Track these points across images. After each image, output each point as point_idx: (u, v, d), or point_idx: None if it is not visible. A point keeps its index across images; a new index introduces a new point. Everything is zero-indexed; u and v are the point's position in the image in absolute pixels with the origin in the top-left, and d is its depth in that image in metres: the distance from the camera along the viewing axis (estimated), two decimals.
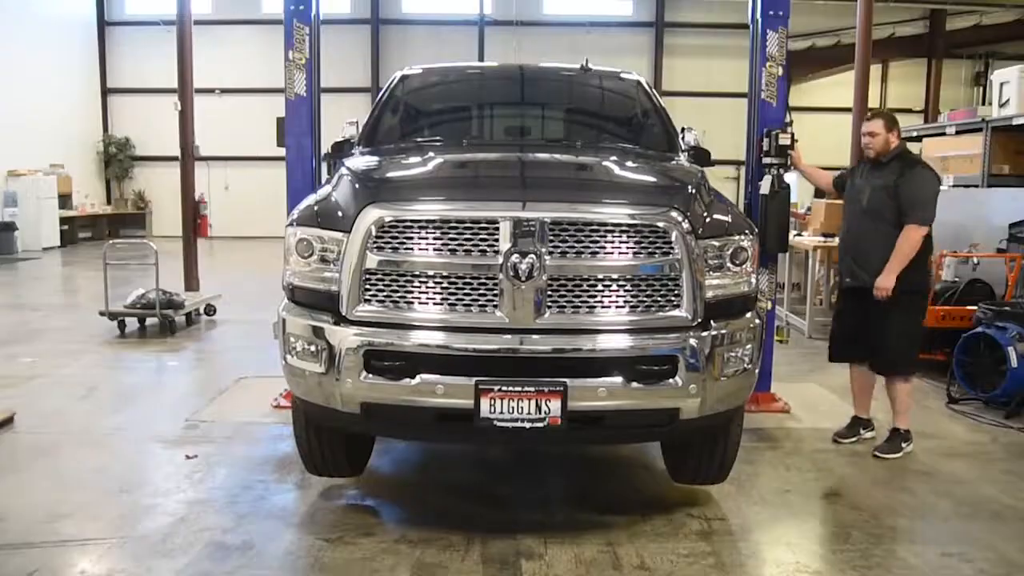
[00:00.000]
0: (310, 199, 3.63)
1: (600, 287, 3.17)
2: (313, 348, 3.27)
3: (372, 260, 3.17)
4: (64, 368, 6.46)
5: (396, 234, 3.17)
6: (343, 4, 19.62)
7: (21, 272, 13.14)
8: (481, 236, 3.13)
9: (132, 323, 7.86)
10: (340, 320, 3.22)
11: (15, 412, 5.03)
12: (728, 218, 3.42)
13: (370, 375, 3.17)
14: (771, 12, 5.24)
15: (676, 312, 3.21)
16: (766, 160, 5.22)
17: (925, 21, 18.97)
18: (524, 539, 3.48)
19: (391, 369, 3.17)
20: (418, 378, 3.14)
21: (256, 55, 18.16)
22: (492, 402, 3.08)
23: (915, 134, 10.51)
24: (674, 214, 3.21)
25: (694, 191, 3.44)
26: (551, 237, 3.12)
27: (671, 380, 3.18)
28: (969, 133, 8.49)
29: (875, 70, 16.87)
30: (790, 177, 5.44)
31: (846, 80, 13.16)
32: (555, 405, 3.09)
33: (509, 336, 3.15)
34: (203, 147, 9.80)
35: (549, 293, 3.15)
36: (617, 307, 3.19)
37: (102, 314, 7.64)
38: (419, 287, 3.18)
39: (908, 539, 3.58)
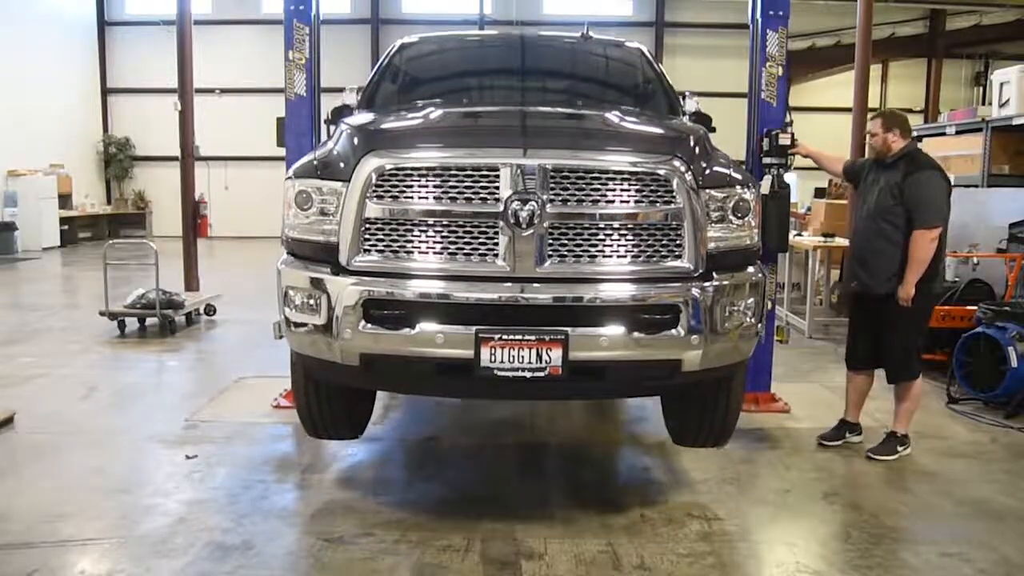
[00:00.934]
0: (309, 155, 3.61)
1: (601, 236, 3.15)
2: (312, 300, 3.24)
3: (372, 209, 3.14)
4: (64, 368, 6.46)
5: (396, 182, 3.14)
6: (343, 4, 19.62)
7: (21, 272, 13.14)
8: (482, 183, 3.10)
9: (132, 323, 7.86)
10: (339, 271, 3.19)
11: (15, 412, 5.03)
12: (730, 171, 3.40)
13: (369, 325, 3.13)
14: (771, 12, 5.24)
15: (678, 263, 3.19)
16: (766, 160, 5.21)
17: (925, 21, 18.97)
18: (524, 539, 3.48)
19: (390, 319, 3.13)
20: (418, 328, 3.10)
21: (256, 55, 18.16)
22: (492, 351, 3.06)
23: (915, 134, 10.51)
24: (676, 163, 3.20)
25: (696, 142, 3.43)
26: (552, 184, 3.10)
27: (673, 331, 3.16)
28: (969, 133, 8.49)
29: (875, 70, 16.88)
30: (790, 177, 5.44)
31: (846, 80, 13.17)
32: (556, 354, 3.06)
33: (510, 284, 3.12)
34: (203, 147, 9.81)
35: (550, 241, 3.13)
36: (618, 256, 3.17)
37: (102, 314, 7.64)
38: (419, 236, 3.15)
39: (908, 539, 3.58)
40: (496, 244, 3.12)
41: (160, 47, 16.75)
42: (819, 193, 11.83)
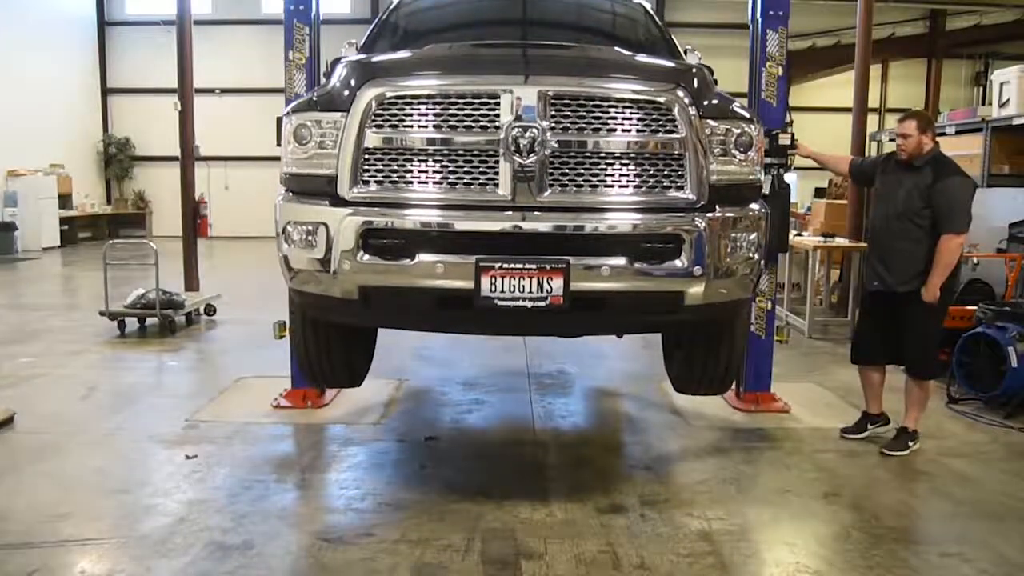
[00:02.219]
0: (306, 94, 3.59)
1: (603, 164, 3.14)
2: (310, 234, 3.22)
3: (371, 139, 3.13)
4: (64, 368, 6.46)
5: (396, 111, 3.13)
6: (343, 4, 19.60)
7: (21, 272, 13.14)
8: (482, 111, 3.09)
9: (132, 323, 7.86)
10: (338, 202, 3.18)
11: (15, 412, 5.03)
12: (733, 105, 3.40)
13: (368, 256, 3.12)
14: (771, 12, 5.24)
15: (681, 193, 3.18)
16: (766, 160, 5.20)
17: (925, 21, 18.95)
18: (524, 539, 3.48)
19: (390, 249, 3.11)
20: (417, 258, 3.09)
21: (256, 55, 18.15)
22: (493, 280, 3.05)
23: None
24: (679, 92, 3.18)
25: (698, 75, 3.41)
26: (553, 111, 3.09)
27: (675, 262, 3.14)
28: (969, 133, 8.48)
29: (875, 70, 16.84)
30: (790, 177, 5.44)
31: (846, 80, 13.15)
32: (557, 284, 3.05)
33: (510, 213, 3.11)
34: (203, 147, 9.80)
35: (551, 170, 3.11)
36: (620, 186, 3.15)
37: (102, 314, 7.64)
38: (418, 165, 3.14)
39: (908, 539, 3.58)
40: (496, 173, 3.10)
41: (160, 47, 16.72)
42: (819, 193, 11.84)
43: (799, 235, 9.08)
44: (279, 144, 4.18)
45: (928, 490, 4.14)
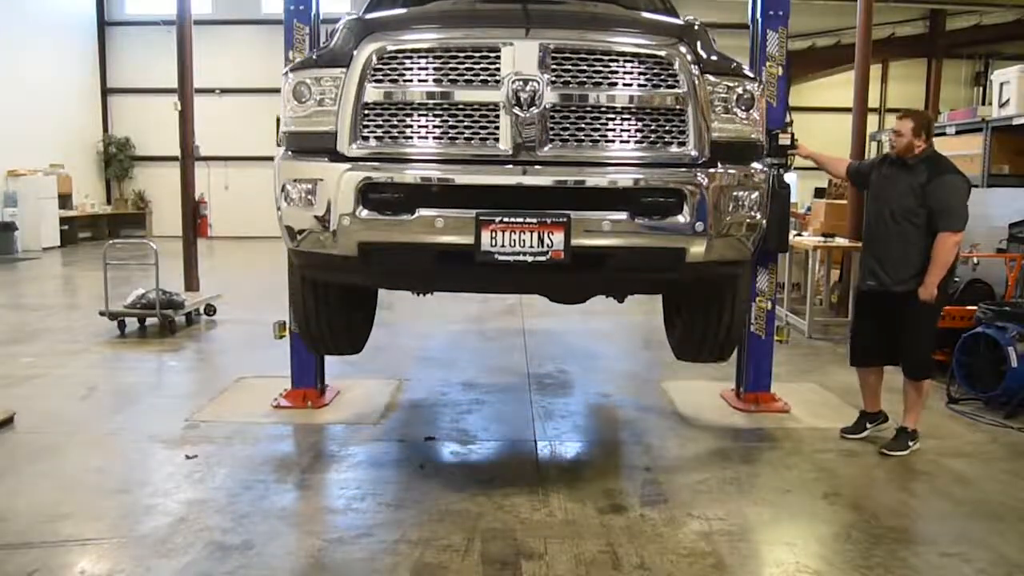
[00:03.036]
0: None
1: (604, 119, 3.13)
2: (310, 190, 3.22)
3: (371, 93, 3.12)
4: (64, 368, 6.46)
5: (396, 65, 3.12)
6: (343, 4, 19.59)
7: (21, 272, 13.14)
8: (482, 65, 3.08)
9: (132, 323, 7.86)
10: (337, 158, 3.17)
11: (15, 412, 5.03)
12: (734, 63, 3.39)
13: (368, 211, 3.11)
14: (771, 12, 5.24)
15: (682, 149, 3.18)
16: (766, 160, 5.21)
17: (925, 21, 18.94)
18: (524, 539, 3.48)
19: (389, 204, 3.10)
20: (417, 213, 3.08)
21: (256, 55, 18.15)
22: (493, 235, 3.04)
23: None
24: (681, 47, 3.19)
25: (699, 32, 3.41)
26: (554, 65, 3.08)
27: (677, 217, 3.14)
28: (969, 133, 8.49)
29: (875, 70, 16.83)
30: (790, 177, 5.44)
31: (846, 80, 13.15)
32: (558, 238, 3.04)
33: (511, 167, 3.10)
34: (203, 147, 9.79)
35: (552, 125, 3.10)
36: (622, 141, 3.15)
37: (102, 314, 7.64)
38: (418, 120, 3.13)
39: (908, 539, 3.58)
40: (497, 127, 3.09)
41: (160, 47, 16.72)
42: (819, 193, 11.83)
43: (799, 235, 9.08)
44: (279, 144, 4.16)
45: (928, 490, 4.14)
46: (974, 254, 6.74)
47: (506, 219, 3.04)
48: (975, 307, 6.01)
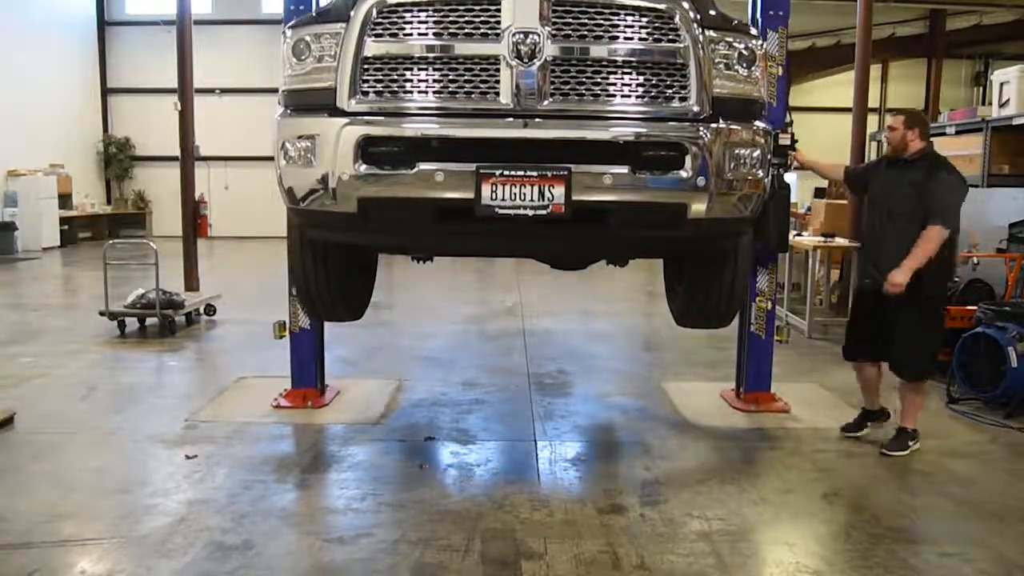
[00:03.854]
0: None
1: (605, 72, 3.12)
2: (309, 147, 3.21)
3: (370, 47, 3.11)
4: (64, 368, 6.46)
5: (395, 19, 3.11)
6: None
7: (21, 272, 13.13)
8: (482, 17, 3.07)
9: (132, 323, 7.86)
10: (337, 113, 3.16)
11: (15, 412, 5.03)
12: (735, 20, 3.39)
13: (367, 166, 3.10)
14: (771, 12, 5.24)
15: (684, 104, 3.18)
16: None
17: (925, 21, 18.93)
18: (524, 539, 3.48)
19: (389, 158, 3.09)
20: (417, 167, 3.07)
21: (256, 55, 18.14)
22: (494, 188, 3.03)
23: None
24: (682, 2, 3.17)
25: None
26: (555, 18, 3.07)
27: (678, 172, 3.13)
28: (969, 133, 8.50)
29: (875, 70, 16.84)
30: (790, 177, 5.44)
31: (846, 80, 13.15)
32: (559, 192, 3.03)
33: (511, 120, 3.09)
34: (203, 147, 9.81)
35: (553, 78, 3.10)
36: (623, 95, 3.14)
37: (102, 314, 7.64)
38: (418, 74, 3.13)
39: (908, 539, 3.57)
40: (497, 81, 3.08)
41: (160, 47, 16.70)
42: (819, 193, 11.82)
43: (799, 235, 9.07)
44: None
45: (928, 490, 4.14)
46: (974, 254, 6.74)
47: (507, 172, 3.03)
48: (975, 307, 6.01)
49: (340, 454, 4.56)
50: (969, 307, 6.16)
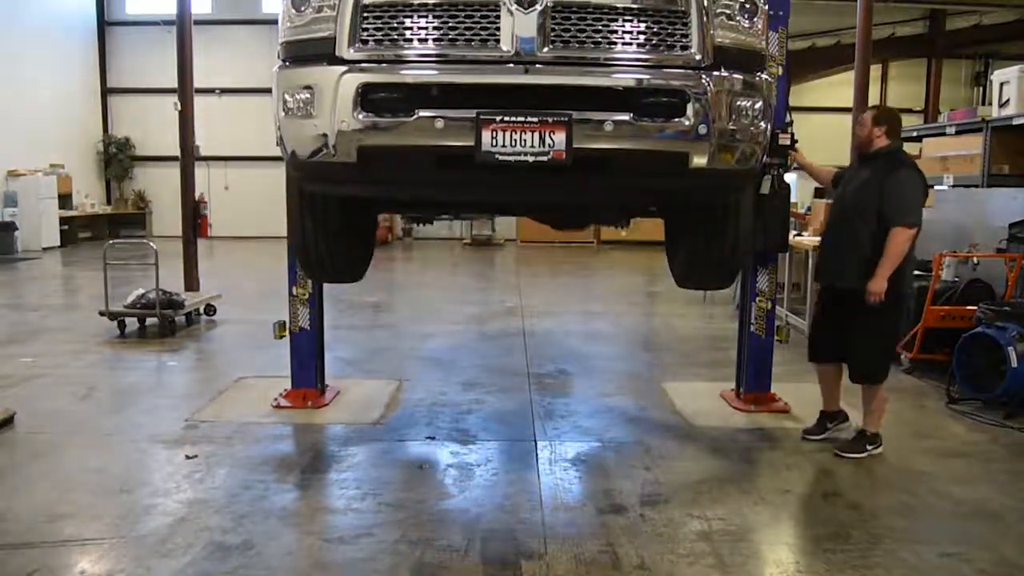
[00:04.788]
0: None
1: (606, 20, 3.11)
2: (308, 98, 3.20)
3: None
4: (64, 368, 6.46)
5: None
6: None
7: (21, 272, 13.14)
8: None
9: (132, 323, 7.86)
10: (336, 62, 3.15)
11: (15, 412, 5.03)
12: None
13: (366, 114, 3.09)
14: (771, 12, 5.21)
15: (686, 52, 3.16)
16: (766, 160, 5.20)
17: (925, 21, 18.94)
18: (524, 539, 3.48)
19: (388, 105, 3.08)
20: (417, 114, 3.05)
21: (256, 55, 18.15)
22: (494, 134, 3.01)
23: (915, 134, 10.51)
24: None
25: None
26: None
27: (680, 120, 3.12)
28: (969, 133, 8.48)
29: (875, 70, 16.84)
30: (790, 177, 5.44)
31: (846, 80, 13.16)
32: (560, 138, 3.01)
33: (512, 67, 3.08)
34: (203, 147, 9.82)
35: (553, 26, 3.08)
36: (624, 43, 3.13)
37: (102, 314, 7.64)
38: (418, 21, 3.11)
39: (908, 539, 3.57)
40: (497, 28, 3.06)
41: (160, 47, 16.73)
42: (819, 193, 11.82)
43: (799, 235, 9.07)
44: (279, 144, 4.14)
45: (928, 490, 4.13)
46: (974, 254, 6.74)
47: (507, 118, 3.01)
48: (975, 307, 6.01)
49: (340, 454, 4.56)
50: (969, 307, 6.15)
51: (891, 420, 5.22)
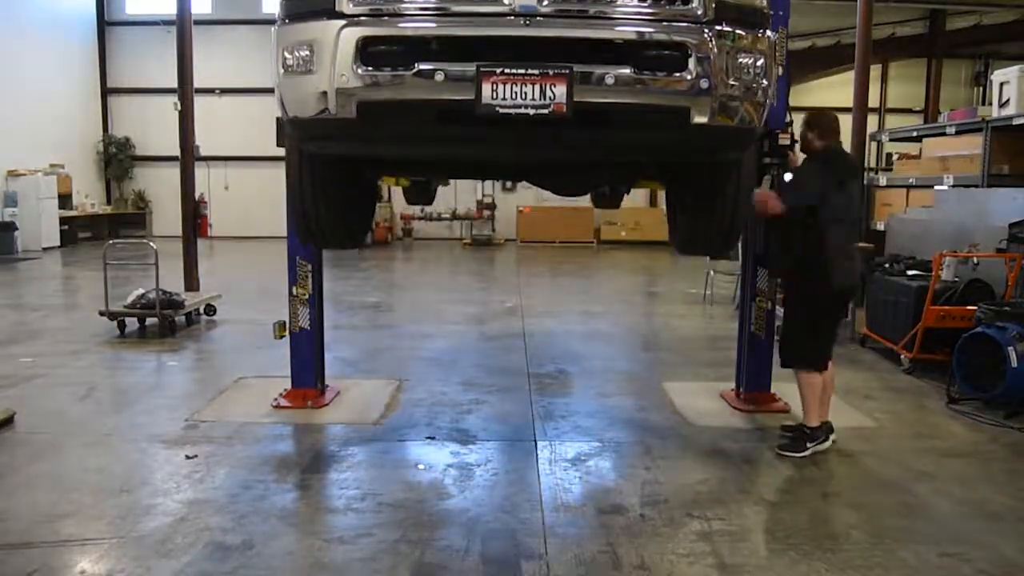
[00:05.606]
0: None
1: None
2: (308, 54, 3.19)
3: None
4: (64, 368, 6.46)
5: None
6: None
7: (21, 272, 13.14)
8: None
9: (132, 323, 7.86)
10: (335, 16, 3.14)
11: (15, 412, 5.03)
12: None
13: (366, 68, 3.08)
14: (771, 12, 5.23)
15: (688, 6, 3.16)
16: (766, 160, 5.21)
17: (925, 21, 18.93)
18: (524, 539, 3.48)
19: (388, 58, 3.06)
20: (416, 67, 3.04)
21: (256, 55, 18.13)
22: (494, 87, 3.00)
23: (915, 134, 10.51)
24: None
25: None
26: None
27: (681, 74, 3.11)
28: (969, 133, 8.48)
29: (875, 70, 16.84)
30: (790, 177, 5.43)
31: (846, 80, 13.14)
32: (560, 90, 3.00)
33: (512, 19, 3.07)
34: (203, 147, 9.80)
35: None
36: None
37: (102, 314, 7.64)
38: None
39: (908, 539, 3.57)
40: None
41: (160, 47, 16.72)
42: None
43: None
44: (279, 144, 4.12)
45: (928, 490, 4.13)
46: (974, 254, 6.74)
47: (507, 71, 2.99)
48: (975, 307, 6.01)
49: (340, 454, 4.56)
50: (969, 307, 6.16)
51: (891, 420, 5.24)
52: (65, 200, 17.19)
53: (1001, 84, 8.23)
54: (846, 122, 9.51)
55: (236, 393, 5.76)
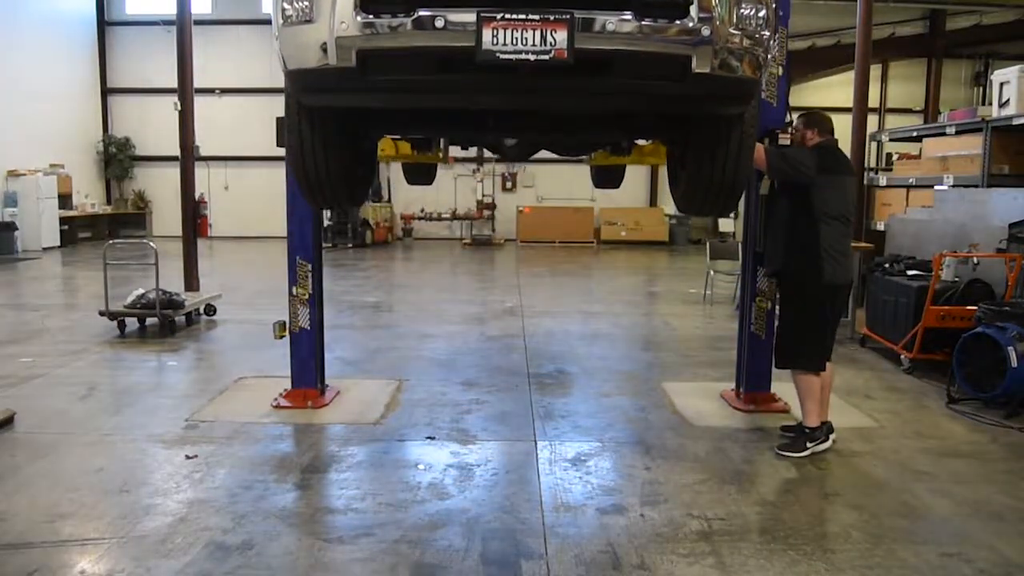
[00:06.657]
0: None
1: None
2: (307, 1, 3.17)
3: None
4: (64, 368, 6.46)
5: None
6: None
7: (21, 272, 13.14)
8: None
9: (132, 323, 7.86)
10: None
11: (15, 412, 5.03)
12: None
13: (365, 15, 3.07)
14: None
15: None
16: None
17: (925, 21, 18.94)
18: (524, 539, 3.48)
19: (388, 4, 3.05)
20: (416, 12, 3.03)
21: (256, 55, 18.16)
22: (495, 32, 2.99)
23: (915, 134, 10.52)
24: None
25: None
26: None
27: (683, 20, 3.10)
28: (969, 133, 8.49)
29: (875, 70, 16.85)
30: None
31: (846, 80, 13.16)
32: (561, 36, 3.00)
33: None
34: (203, 147, 9.82)
35: None
36: None
37: (102, 314, 7.64)
38: None
39: (908, 539, 3.57)
40: None
41: (160, 47, 16.76)
42: None
43: None
44: (279, 144, 4.11)
45: (928, 490, 4.14)
46: (974, 254, 6.74)
47: (508, 16, 2.99)
48: (975, 307, 6.01)
49: (340, 454, 4.56)
50: (969, 307, 6.16)
51: (891, 420, 5.23)
52: (65, 200, 17.20)
53: (1001, 84, 8.24)
54: (846, 122, 9.56)
55: (236, 393, 5.77)
